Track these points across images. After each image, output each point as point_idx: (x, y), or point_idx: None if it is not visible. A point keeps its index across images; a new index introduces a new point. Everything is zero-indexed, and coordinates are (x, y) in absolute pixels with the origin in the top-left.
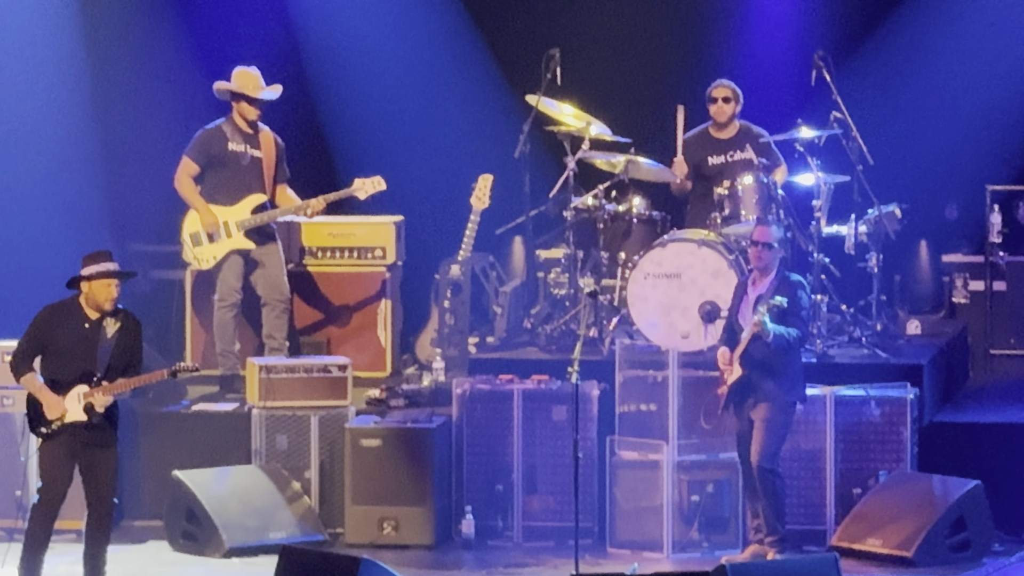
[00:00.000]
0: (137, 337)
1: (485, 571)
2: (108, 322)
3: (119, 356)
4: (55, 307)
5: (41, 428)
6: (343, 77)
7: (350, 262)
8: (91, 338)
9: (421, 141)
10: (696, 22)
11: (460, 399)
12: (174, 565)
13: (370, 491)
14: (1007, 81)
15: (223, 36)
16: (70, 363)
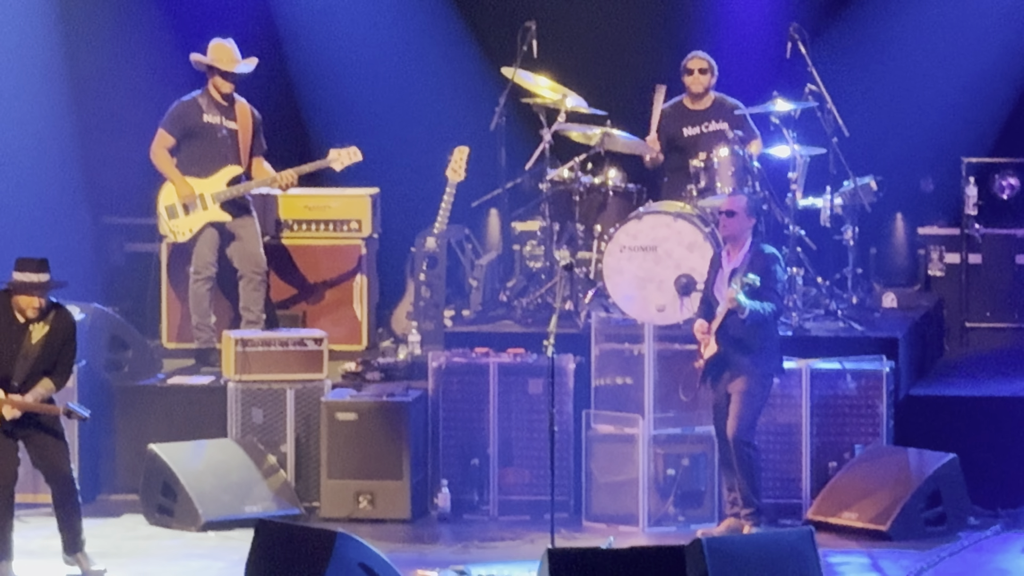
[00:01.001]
0: (67, 339)
1: (461, 545)
2: (36, 326)
3: (42, 361)
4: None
5: None
6: (318, 47)
7: (326, 235)
8: (15, 342)
9: (397, 112)
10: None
11: (436, 372)
12: (149, 539)
13: (346, 465)
14: (983, 53)
15: (199, 7)
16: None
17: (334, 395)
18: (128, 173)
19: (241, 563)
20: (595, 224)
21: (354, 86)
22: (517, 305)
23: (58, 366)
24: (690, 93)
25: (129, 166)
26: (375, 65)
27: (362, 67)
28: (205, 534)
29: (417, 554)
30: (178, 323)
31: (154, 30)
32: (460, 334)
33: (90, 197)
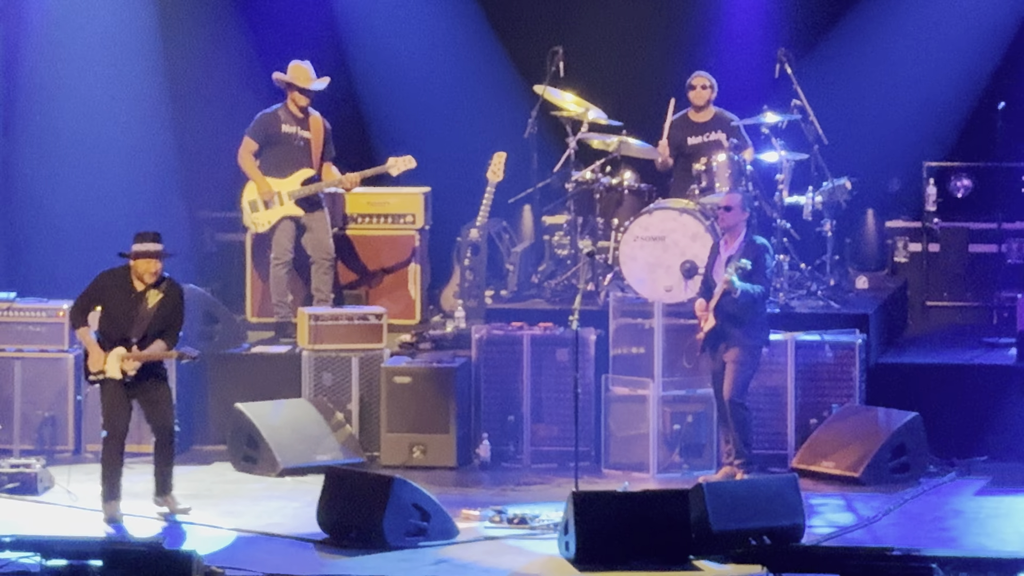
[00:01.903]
0: (177, 305)
1: (499, 488)
2: (151, 293)
3: (157, 323)
4: (109, 273)
5: (89, 376)
6: (380, 68)
7: (385, 227)
8: (134, 306)
9: (445, 122)
10: (679, 22)
11: (478, 343)
12: (236, 483)
13: (402, 421)
14: (943, 70)
15: (281, 31)
16: (115, 324)
17: (392, 362)
18: (218, 173)
19: (313, 503)
20: (613, 218)
21: (410, 100)
22: (547, 286)
23: (169, 329)
24: (693, 106)
25: (219, 167)
26: (427, 83)
27: (416, 84)
28: (283, 479)
29: (462, 496)
30: (260, 301)
31: (242, 48)
32: (498, 311)
33: (186, 194)
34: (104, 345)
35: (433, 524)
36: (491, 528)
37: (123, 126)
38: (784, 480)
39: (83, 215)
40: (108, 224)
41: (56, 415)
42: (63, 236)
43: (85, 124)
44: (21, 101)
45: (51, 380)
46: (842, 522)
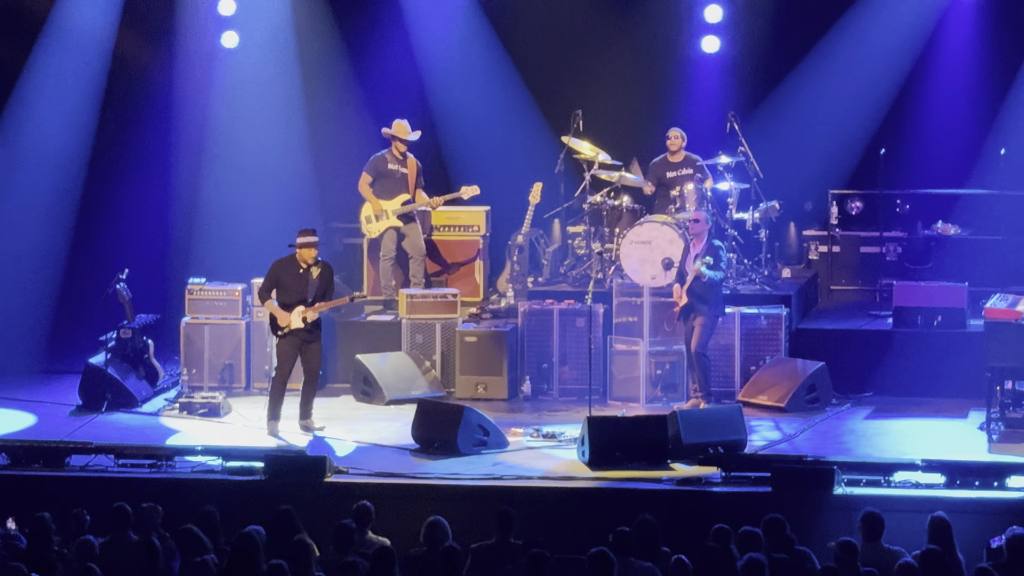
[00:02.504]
0: (330, 278)
1: (537, 414)
2: (313, 269)
3: (320, 289)
4: (281, 261)
5: (277, 332)
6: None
7: (459, 234)
8: (304, 279)
9: (500, 161)
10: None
11: (523, 314)
12: (356, 409)
13: (470, 367)
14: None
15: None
16: (292, 294)
17: (463, 327)
18: (344, 196)
19: (409, 424)
20: (615, 228)
21: (475, 145)
22: (570, 275)
23: (327, 292)
24: (670, 151)
25: (345, 192)
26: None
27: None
28: (388, 407)
29: (511, 420)
30: (372, 284)
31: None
32: (537, 292)
33: (322, 208)
34: (286, 307)
35: (491, 438)
36: (531, 441)
37: (279, 158)
38: (732, 408)
39: (250, 224)
40: (268, 229)
41: (233, 363)
42: (237, 238)
43: (252, 157)
44: (208, 140)
45: (229, 339)
46: (772, 438)
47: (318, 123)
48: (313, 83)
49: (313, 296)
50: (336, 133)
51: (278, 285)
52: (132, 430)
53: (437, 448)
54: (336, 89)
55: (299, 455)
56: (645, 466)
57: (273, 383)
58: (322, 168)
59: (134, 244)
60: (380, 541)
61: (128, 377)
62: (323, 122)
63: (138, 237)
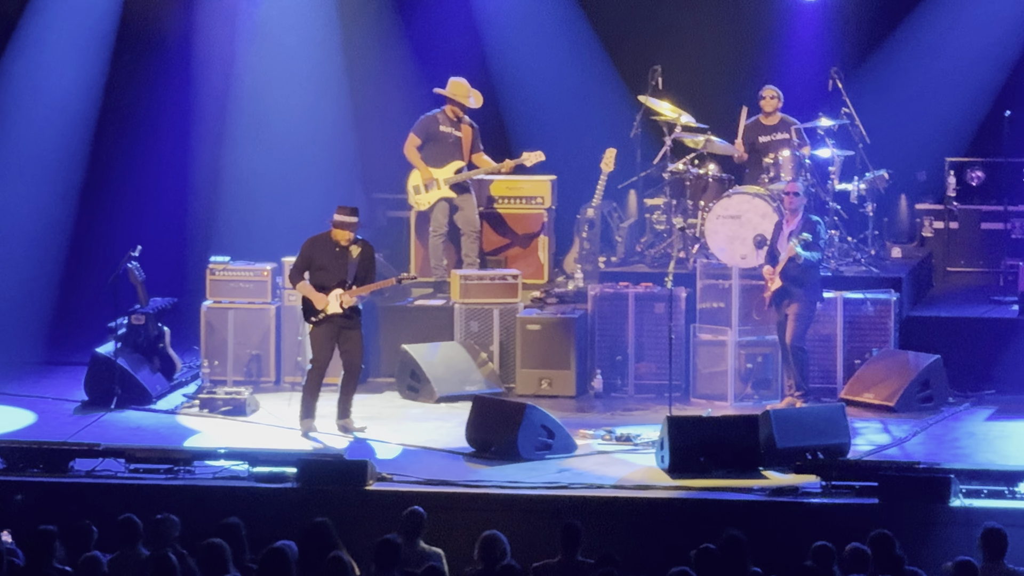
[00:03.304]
0: (371, 257)
1: (609, 413)
2: (352, 248)
3: (361, 270)
4: (315, 238)
5: (311, 317)
6: (517, 79)
7: (521, 206)
8: (342, 258)
9: (568, 124)
10: (753, 44)
11: (593, 298)
12: (402, 407)
13: (533, 359)
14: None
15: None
16: (329, 274)
17: (525, 313)
18: (388, 163)
19: (463, 424)
20: (700, 200)
21: (540, 106)
22: (647, 254)
23: (368, 275)
24: (764, 112)
25: (389, 158)
26: (554, 91)
27: (545, 92)
28: (439, 405)
29: (579, 420)
30: (421, 264)
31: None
32: (609, 273)
33: (363, 178)
34: (321, 290)
35: (557, 441)
36: (602, 444)
37: (315, 122)
38: (834, 408)
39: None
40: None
41: (261, 353)
42: (265, 212)
43: (283, 122)
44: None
45: (257, 326)
46: (880, 441)
47: (359, 82)
48: (354, 36)
49: (352, 278)
50: (380, 94)
51: (312, 265)
52: (145, 430)
53: (495, 452)
54: (381, 44)
55: (337, 459)
56: (733, 474)
57: (307, 377)
58: (364, 132)
59: (148, 218)
60: (432, 552)
61: (141, 369)
62: (365, 81)
63: (153, 211)
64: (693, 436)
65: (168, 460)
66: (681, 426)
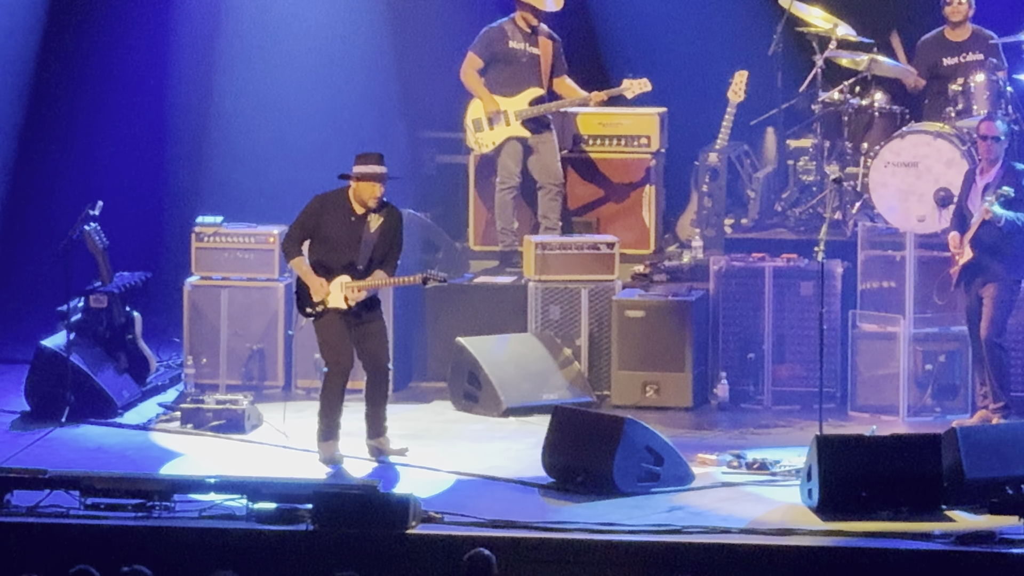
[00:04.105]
0: (398, 230)
1: (738, 431)
2: (372, 217)
3: (380, 248)
4: (325, 197)
5: (307, 308)
6: None
7: (618, 149)
8: (355, 231)
9: (682, 40)
10: None
11: (717, 275)
12: (456, 422)
13: (634, 358)
14: None
15: None
16: (335, 252)
17: (624, 294)
18: (440, 91)
19: (538, 446)
20: (862, 142)
21: (645, 17)
22: (791, 215)
23: (389, 256)
24: (949, 22)
25: (441, 84)
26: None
27: None
28: (506, 419)
29: (698, 439)
30: (483, 228)
31: None
32: (738, 240)
33: (406, 113)
34: (321, 273)
35: (666, 469)
36: (728, 473)
37: (338, 39)
38: None
39: (295, 135)
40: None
41: (265, 348)
42: (273, 158)
43: (300, 39)
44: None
45: (260, 311)
46: None
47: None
48: None
49: (367, 260)
50: None
51: (316, 235)
52: (108, 452)
53: (582, 484)
54: None
55: (368, 494)
56: (906, 513)
57: (325, 384)
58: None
59: (112, 166)
60: None
61: (102, 369)
62: None
63: (118, 156)
64: (852, 463)
65: (138, 493)
66: (836, 449)
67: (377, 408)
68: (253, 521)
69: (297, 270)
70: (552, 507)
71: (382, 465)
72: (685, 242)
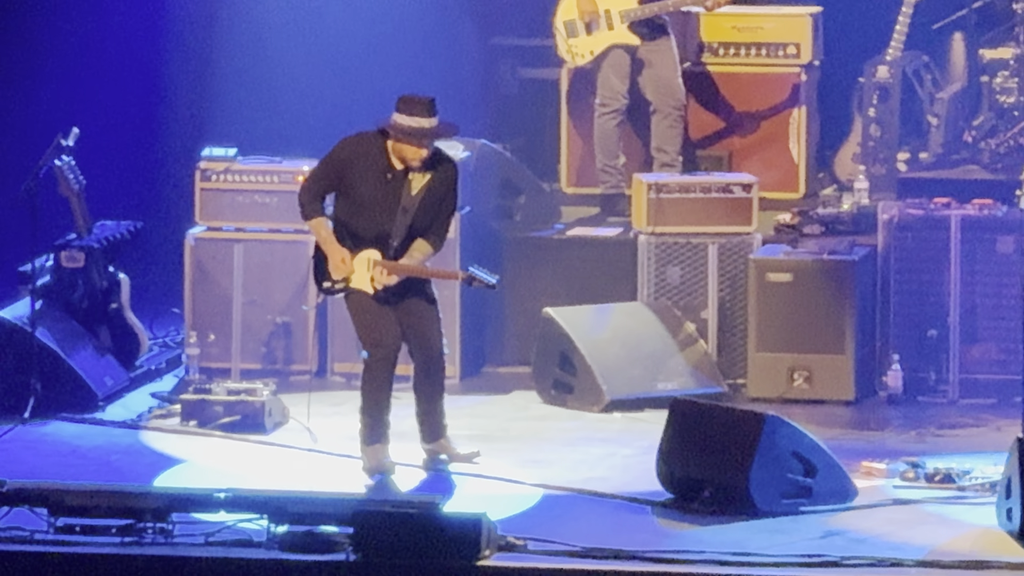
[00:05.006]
0: (449, 190)
1: (915, 431)
2: (415, 178)
3: (422, 216)
4: (356, 141)
5: (324, 283)
6: None
7: (757, 61)
8: (392, 193)
9: None
10: None
11: (887, 226)
12: (543, 420)
13: (778, 335)
14: None
15: None
16: (364, 216)
17: (765, 251)
18: None
19: (651, 450)
20: None
21: None
22: (985, 147)
23: (435, 224)
24: None
25: None
26: None
27: None
28: (609, 415)
29: (863, 442)
30: (579, 164)
31: None
32: (916, 181)
33: (477, 14)
34: (346, 243)
35: (820, 481)
36: (902, 488)
37: None
38: None
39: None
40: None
41: (292, 322)
42: (301, 74)
43: None
44: None
45: (285, 273)
46: None
47: None
48: None
49: (405, 230)
50: None
51: (341, 190)
52: (86, 457)
53: (709, 500)
54: None
55: (425, 513)
56: None
57: (365, 374)
58: None
59: (94, 91)
60: None
61: (78, 348)
62: None
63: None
64: None
65: (125, 511)
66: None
67: (431, 404)
68: (276, 549)
69: (315, 233)
70: (670, 530)
71: (444, 475)
72: (845, 183)
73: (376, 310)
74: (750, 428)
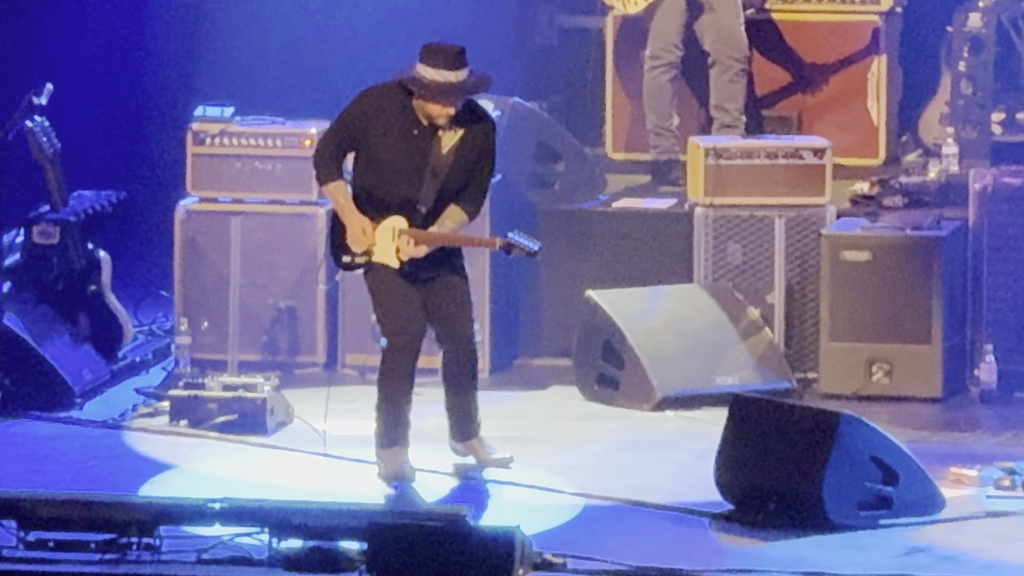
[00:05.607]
0: (485, 149)
1: (1011, 433)
2: (445, 135)
3: (454, 179)
4: (378, 94)
5: (343, 257)
6: None
7: (831, 7)
8: (420, 152)
9: None
10: None
11: (980, 197)
12: (585, 419)
13: (855, 323)
14: None
15: None
16: (388, 180)
17: (839, 226)
18: None
19: (709, 454)
20: None
21: None
22: None
23: (470, 187)
24: None
25: None
26: None
27: None
28: (661, 413)
29: (951, 445)
30: (627, 126)
31: None
32: (1012, 145)
33: None
34: (368, 211)
35: (903, 490)
36: (997, 498)
37: None
38: None
39: None
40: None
41: (298, 306)
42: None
43: None
44: None
45: (290, 250)
46: None
47: None
48: None
49: (435, 195)
50: None
51: (362, 151)
52: (61, 460)
53: (776, 512)
54: None
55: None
56: None
57: (384, 363)
58: None
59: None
60: None
61: (51, 336)
62: None
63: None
64: None
65: (107, 524)
66: None
67: (463, 398)
68: (279, 567)
69: (333, 201)
70: (731, 546)
71: (473, 483)
72: (932, 147)
73: (401, 291)
74: (823, 429)
